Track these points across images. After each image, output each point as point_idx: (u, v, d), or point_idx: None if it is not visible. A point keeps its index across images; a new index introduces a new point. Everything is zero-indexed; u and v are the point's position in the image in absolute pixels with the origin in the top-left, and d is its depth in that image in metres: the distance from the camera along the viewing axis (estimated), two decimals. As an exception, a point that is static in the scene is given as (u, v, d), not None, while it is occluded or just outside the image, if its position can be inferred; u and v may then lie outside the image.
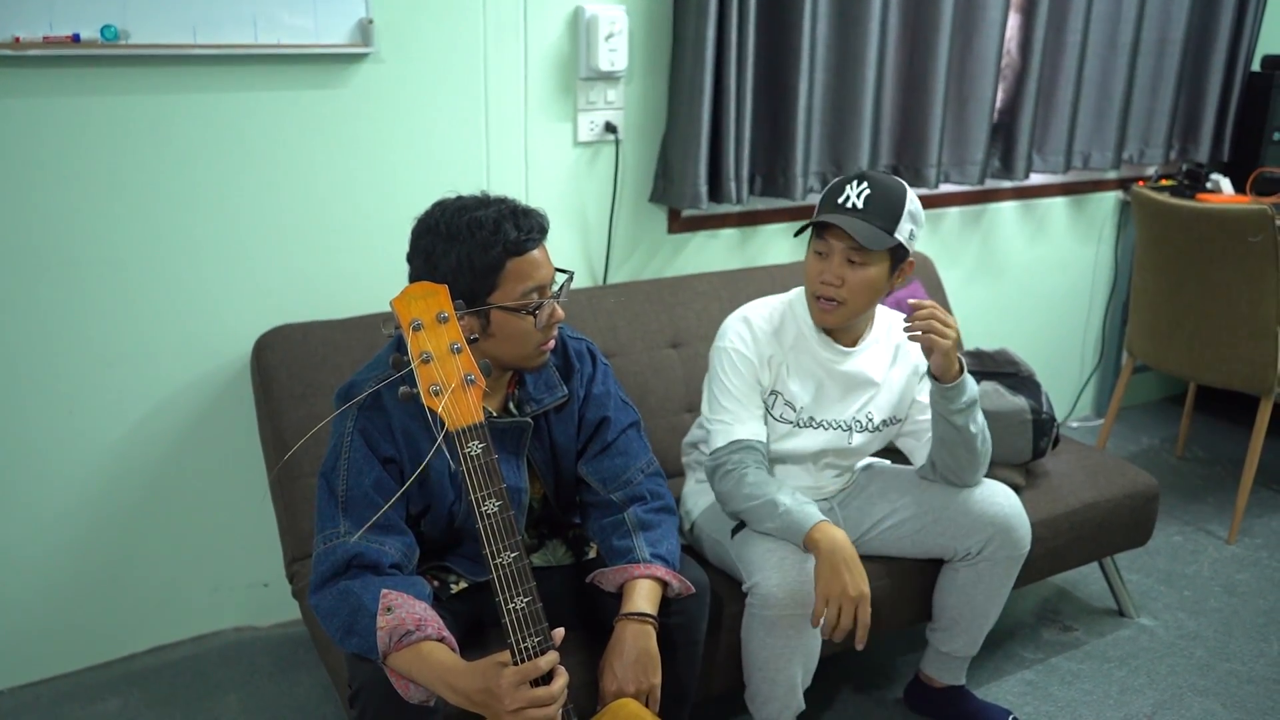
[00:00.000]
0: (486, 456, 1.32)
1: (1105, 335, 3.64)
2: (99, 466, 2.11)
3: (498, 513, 1.31)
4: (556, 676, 1.33)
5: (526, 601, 1.32)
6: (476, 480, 1.32)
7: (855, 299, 1.78)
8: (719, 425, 1.84)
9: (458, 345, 1.34)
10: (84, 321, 2.02)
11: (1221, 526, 2.94)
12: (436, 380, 1.32)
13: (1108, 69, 3.13)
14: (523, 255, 1.50)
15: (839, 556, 1.67)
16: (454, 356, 1.34)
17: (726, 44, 2.35)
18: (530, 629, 1.32)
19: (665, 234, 2.60)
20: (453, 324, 1.35)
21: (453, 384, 1.32)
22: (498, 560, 1.31)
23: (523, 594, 1.32)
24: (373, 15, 2.08)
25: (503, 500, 1.32)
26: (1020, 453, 2.23)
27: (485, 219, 1.49)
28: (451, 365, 1.33)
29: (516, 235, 1.49)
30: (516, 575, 1.32)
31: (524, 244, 1.50)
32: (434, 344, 1.33)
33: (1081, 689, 2.23)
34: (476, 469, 1.32)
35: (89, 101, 1.91)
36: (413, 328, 1.33)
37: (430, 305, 1.35)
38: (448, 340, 1.34)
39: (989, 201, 3.16)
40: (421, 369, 1.32)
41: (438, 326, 1.34)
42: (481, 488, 1.31)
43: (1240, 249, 2.63)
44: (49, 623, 2.15)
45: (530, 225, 1.52)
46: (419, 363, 1.32)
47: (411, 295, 1.35)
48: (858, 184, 1.76)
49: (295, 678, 2.21)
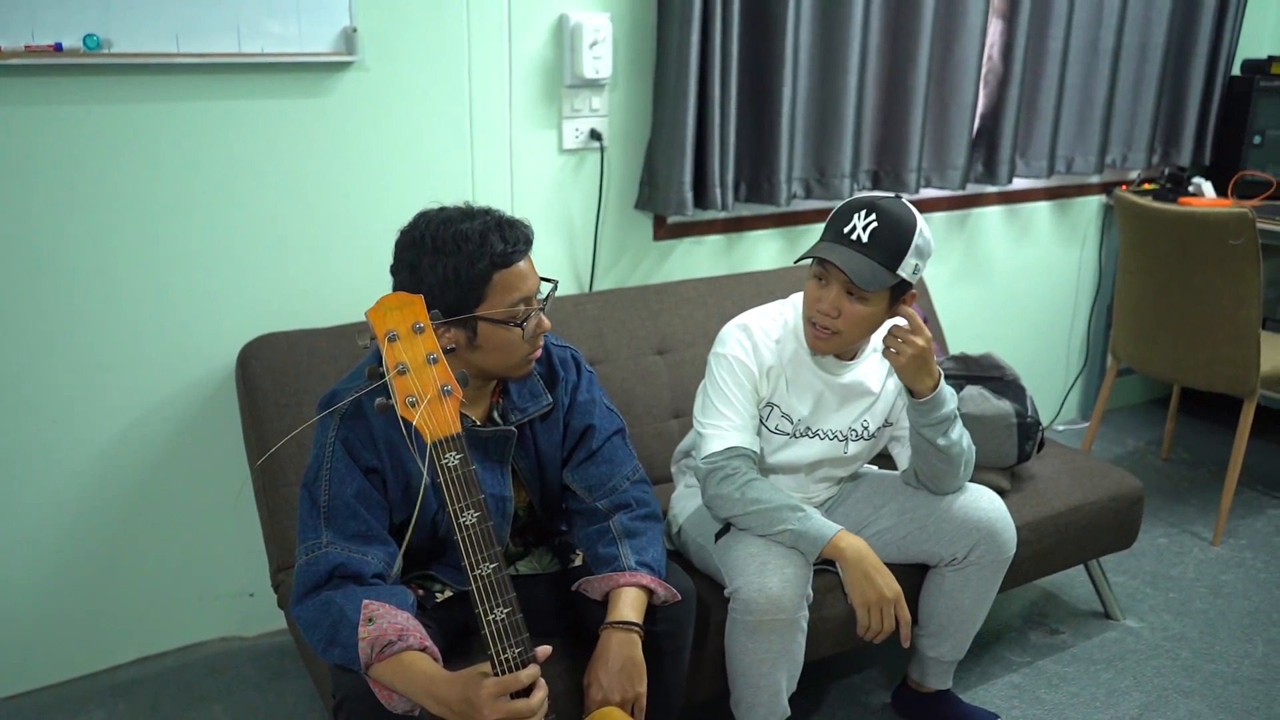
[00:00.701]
0: (464, 468, 1.32)
1: (1090, 339, 3.65)
2: (83, 476, 2.10)
3: (476, 524, 1.31)
4: (536, 689, 1.32)
5: (506, 613, 1.31)
6: (455, 492, 1.31)
7: (850, 331, 1.77)
8: (714, 430, 1.83)
9: (434, 356, 1.33)
10: (67, 330, 2.01)
11: (1206, 528, 2.95)
12: (413, 391, 1.31)
13: (1090, 74, 3.15)
14: (509, 267, 1.50)
15: (867, 563, 1.72)
16: (430, 367, 1.33)
17: (711, 51, 2.35)
18: (511, 640, 1.31)
19: (651, 241, 2.61)
20: (429, 334, 1.34)
21: (429, 395, 1.31)
22: (477, 571, 1.30)
23: (503, 605, 1.31)
24: (357, 23, 2.08)
25: (481, 511, 1.31)
26: (1005, 456, 2.23)
27: (471, 232, 1.48)
28: (428, 376, 1.32)
29: (503, 248, 1.48)
30: (496, 586, 1.31)
31: (510, 256, 1.50)
32: (410, 355, 1.32)
33: (1068, 691, 2.24)
34: (454, 480, 1.31)
35: (71, 111, 1.91)
36: (388, 339, 1.32)
37: (406, 316, 1.33)
38: (424, 351, 1.33)
39: (974, 206, 3.18)
40: (398, 380, 1.31)
41: (414, 337, 1.33)
42: (459, 499, 1.31)
43: (1222, 252, 2.65)
44: (33, 634, 2.14)
45: (516, 237, 1.51)
46: (395, 374, 1.31)
47: (387, 306, 1.33)
48: (865, 214, 1.70)
49: (282, 687, 2.20)
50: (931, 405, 1.77)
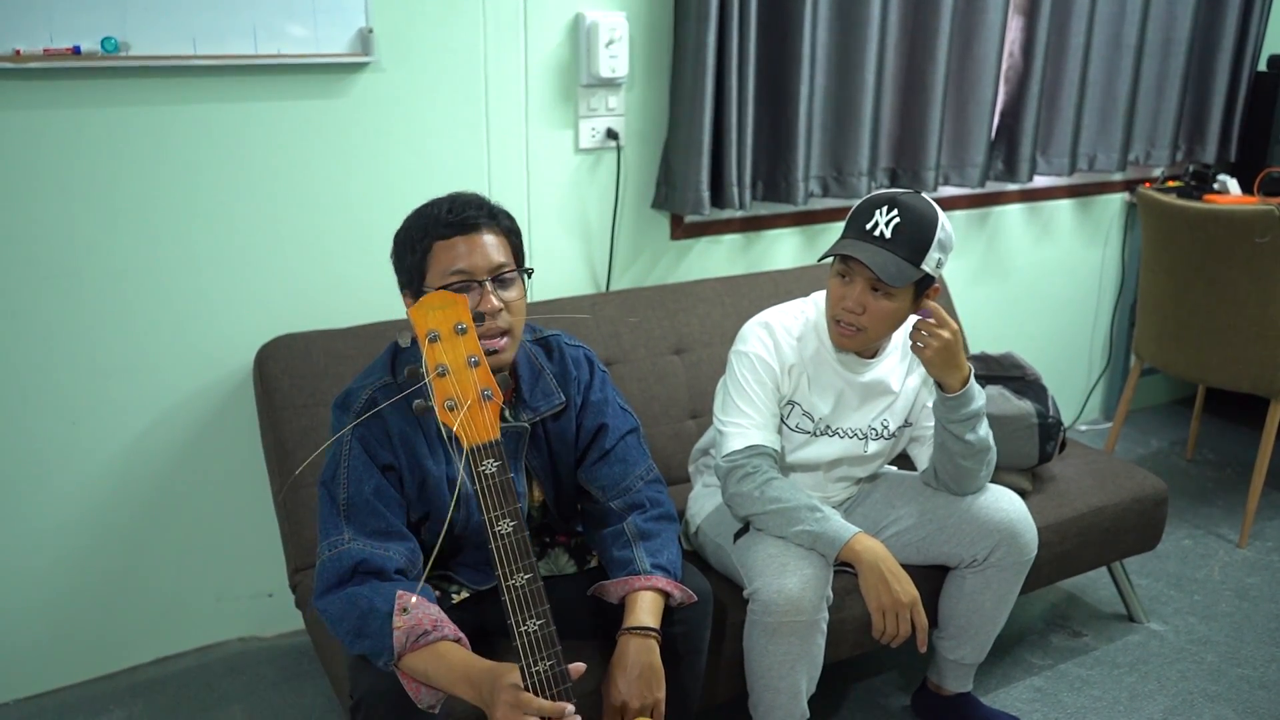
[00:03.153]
0: (502, 475, 1.30)
1: (1113, 338, 3.61)
2: (102, 477, 2.11)
3: (512, 533, 1.29)
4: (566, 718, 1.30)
5: (539, 625, 1.29)
6: (491, 500, 1.29)
7: (875, 327, 1.76)
8: (734, 429, 1.82)
9: (475, 359, 1.31)
10: (86, 333, 2.02)
11: (1232, 530, 2.91)
12: (452, 395, 1.29)
13: (1112, 70, 3.12)
14: (447, 239, 1.49)
15: (884, 567, 1.70)
16: (471, 370, 1.30)
17: (727, 49, 2.34)
18: (542, 652, 1.29)
19: (668, 240, 2.59)
20: (471, 336, 1.31)
21: (469, 399, 1.29)
22: (510, 582, 1.28)
23: (536, 616, 1.29)
24: (373, 24, 2.08)
25: (517, 520, 1.30)
26: (1027, 457, 2.21)
27: (425, 208, 1.53)
28: (468, 379, 1.30)
29: (446, 217, 1.49)
30: (530, 598, 1.29)
31: (451, 229, 1.49)
32: (450, 357, 1.30)
33: (1091, 695, 2.21)
34: (492, 488, 1.29)
35: (89, 113, 1.92)
36: (429, 339, 1.30)
37: (448, 316, 1.31)
38: (465, 353, 1.30)
39: (995, 205, 3.15)
40: (437, 383, 1.29)
41: (455, 338, 1.31)
42: (496, 507, 1.29)
43: (1247, 250, 2.62)
44: (53, 635, 2.15)
45: (461, 209, 1.50)
46: (434, 376, 1.29)
47: (429, 305, 1.31)
48: (887, 210, 1.69)
49: (300, 688, 2.21)
50: (961, 401, 1.75)
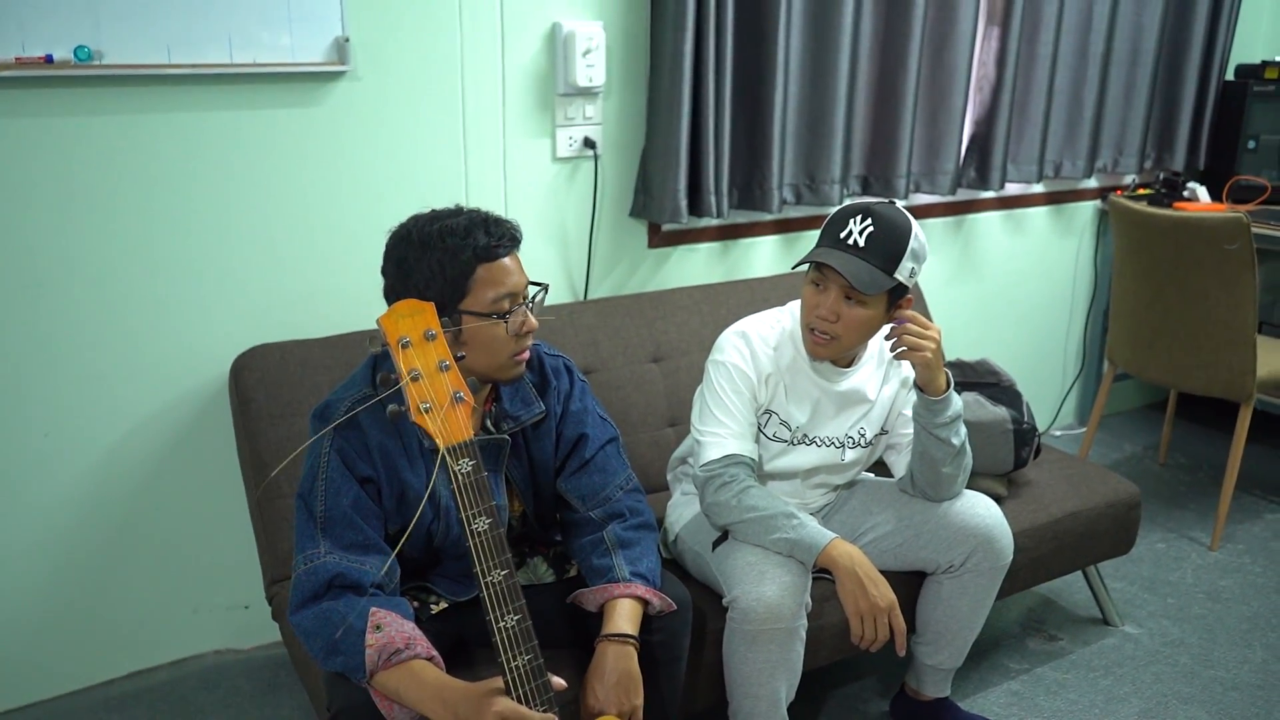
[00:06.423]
0: (477, 474, 1.33)
1: (1086, 344, 3.65)
2: (76, 489, 2.09)
3: (488, 530, 1.31)
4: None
5: (517, 620, 1.32)
6: (467, 498, 1.32)
7: (849, 335, 1.77)
8: (712, 438, 1.83)
9: (446, 363, 1.35)
10: (58, 342, 2.00)
11: (1204, 533, 2.95)
12: (426, 398, 1.32)
13: (1078, 79, 3.15)
14: (493, 261, 1.50)
15: (861, 571, 1.70)
16: (442, 374, 1.34)
17: (704, 58, 2.35)
18: (520, 647, 1.32)
19: (645, 248, 2.60)
20: (440, 341, 1.35)
21: (443, 402, 1.33)
22: (488, 578, 1.31)
23: (513, 611, 1.32)
24: (349, 33, 2.08)
25: (493, 518, 1.32)
26: (1002, 463, 2.23)
27: (457, 226, 1.50)
28: (441, 383, 1.34)
29: (487, 241, 1.50)
30: (506, 593, 1.32)
31: (494, 250, 1.50)
32: (422, 362, 1.34)
33: (1067, 699, 2.23)
34: (467, 486, 1.32)
35: (62, 122, 1.90)
36: (400, 345, 1.33)
37: (418, 323, 1.35)
38: (436, 358, 1.34)
39: (969, 212, 3.18)
40: (411, 387, 1.32)
41: (425, 344, 1.35)
42: (472, 505, 1.32)
43: (1218, 257, 2.65)
44: (27, 649, 2.13)
45: (501, 232, 1.52)
46: (408, 380, 1.32)
47: (399, 313, 1.35)
48: (861, 219, 1.71)
49: (277, 700, 2.19)
50: (946, 403, 1.77)
